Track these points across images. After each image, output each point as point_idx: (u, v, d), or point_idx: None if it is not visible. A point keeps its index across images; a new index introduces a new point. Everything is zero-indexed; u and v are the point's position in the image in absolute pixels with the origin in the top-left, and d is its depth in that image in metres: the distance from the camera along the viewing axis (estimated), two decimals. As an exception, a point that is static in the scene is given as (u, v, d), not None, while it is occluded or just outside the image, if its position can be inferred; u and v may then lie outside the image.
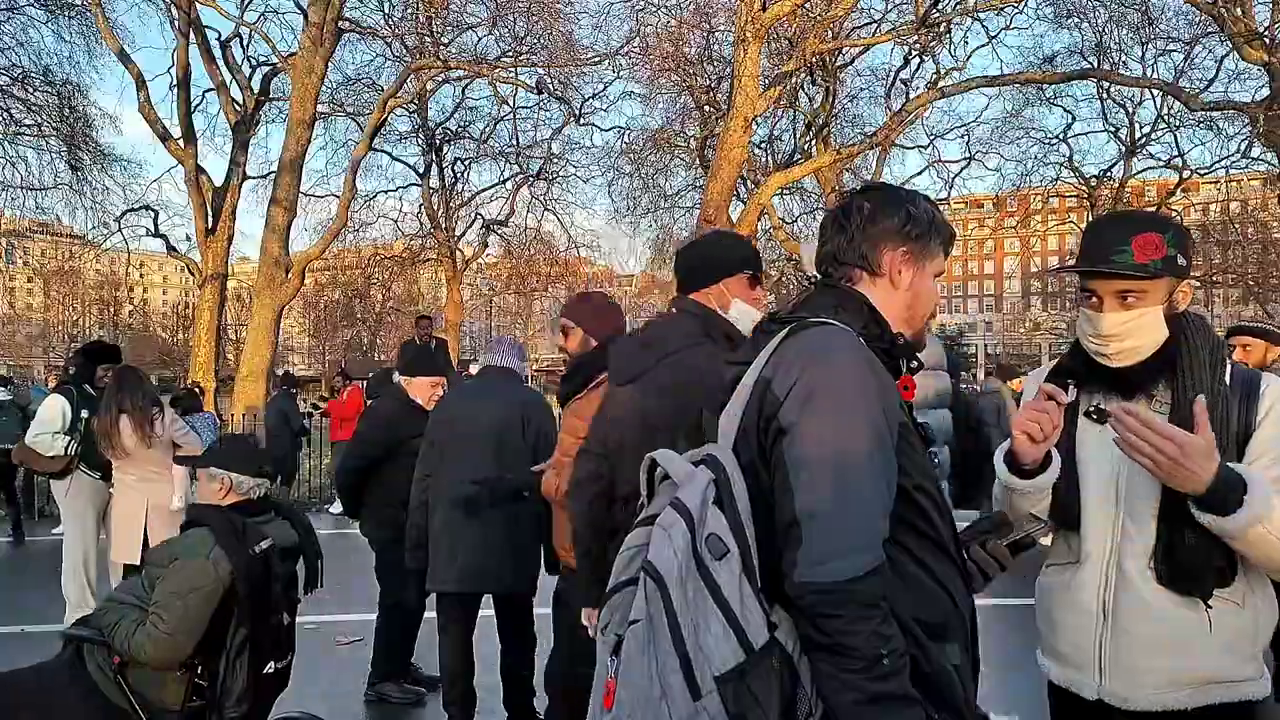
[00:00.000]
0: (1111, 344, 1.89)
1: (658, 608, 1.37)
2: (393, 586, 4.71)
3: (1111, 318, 1.88)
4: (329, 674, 5.19)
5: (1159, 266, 1.85)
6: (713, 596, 1.35)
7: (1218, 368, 1.88)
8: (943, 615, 1.49)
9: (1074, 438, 1.96)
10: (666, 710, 1.35)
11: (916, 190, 1.74)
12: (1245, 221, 34.99)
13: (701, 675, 1.34)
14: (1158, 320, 1.88)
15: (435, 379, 4.86)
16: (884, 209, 1.66)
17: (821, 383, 1.44)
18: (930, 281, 1.68)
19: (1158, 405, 1.90)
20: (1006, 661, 4.32)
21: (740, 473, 1.45)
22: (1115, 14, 21.15)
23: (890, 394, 1.49)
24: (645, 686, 1.38)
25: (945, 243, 1.71)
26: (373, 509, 4.76)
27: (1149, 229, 1.87)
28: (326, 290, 41.08)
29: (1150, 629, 1.84)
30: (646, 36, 23.02)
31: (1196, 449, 1.69)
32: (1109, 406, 1.80)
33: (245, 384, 18.97)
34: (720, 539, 1.38)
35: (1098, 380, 1.95)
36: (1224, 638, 1.82)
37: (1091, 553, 1.90)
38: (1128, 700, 1.86)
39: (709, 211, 17.49)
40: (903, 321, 1.64)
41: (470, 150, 30.86)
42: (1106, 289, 1.89)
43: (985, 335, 72.21)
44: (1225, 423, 1.84)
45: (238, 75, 22.43)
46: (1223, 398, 1.85)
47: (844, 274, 1.67)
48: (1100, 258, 1.88)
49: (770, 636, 1.36)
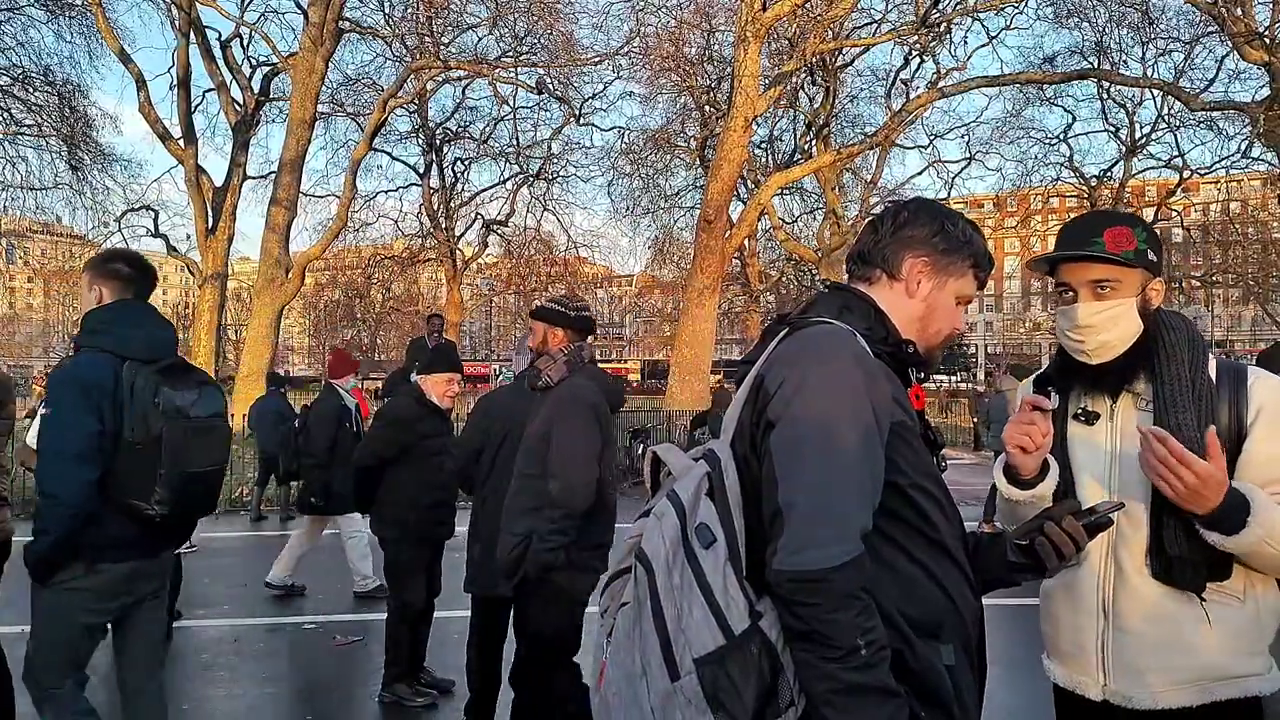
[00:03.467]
0: (1087, 337, 1.92)
1: (644, 592, 1.44)
2: (401, 586, 4.70)
3: (1086, 308, 1.90)
4: (329, 674, 5.19)
5: (1131, 256, 1.88)
6: (698, 582, 1.40)
7: (1198, 361, 1.88)
8: (937, 614, 1.49)
9: (1065, 440, 1.97)
10: (645, 688, 1.41)
11: (962, 214, 1.74)
12: (1245, 221, 35.01)
13: (681, 657, 1.38)
14: (1131, 313, 1.90)
15: (451, 375, 4.86)
16: (918, 218, 1.68)
17: (808, 378, 1.46)
18: (949, 299, 1.68)
19: (1140, 401, 1.93)
20: (1010, 663, 4.32)
21: (734, 466, 1.49)
22: (1115, 14, 21.18)
23: (882, 391, 1.50)
24: (629, 665, 1.44)
25: (977, 267, 1.69)
26: (383, 508, 4.75)
27: (1120, 223, 1.92)
28: (326, 290, 41.08)
29: (1150, 627, 1.85)
30: (646, 36, 23.03)
31: (1214, 480, 1.72)
32: (1142, 427, 1.80)
33: (245, 384, 18.99)
34: (709, 528, 1.43)
35: (1081, 380, 1.97)
36: (1226, 633, 1.82)
37: (1090, 552, 1.90)
38: (1132, 699, 1.86)
39: (709, 211, 17.50)
40: (914, 332, 1.65)
41: (470, 150, 30.92)
42: (1081, 279, 1.92)
43: (985, 335, 72.22)
44: (1213, 417, 1.84)
45: (238, 75, 22.44)
46: (1207, 392, 1.87)
47: (865, 274, 1.70)
48: (1074, 246, 1.92)
49: (752, 624, 1.39)
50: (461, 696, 4.41)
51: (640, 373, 55.17)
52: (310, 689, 4.96)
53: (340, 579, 7.53)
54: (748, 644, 1.38)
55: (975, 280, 1.70)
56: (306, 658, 5.54)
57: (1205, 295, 37.77)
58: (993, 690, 1.88)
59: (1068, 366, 1.99)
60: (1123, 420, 1.92)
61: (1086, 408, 1.96)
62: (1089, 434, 1.95)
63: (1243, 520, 1.72)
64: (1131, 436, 1.86)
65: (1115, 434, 1.93)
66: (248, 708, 4.73)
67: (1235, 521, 1.73)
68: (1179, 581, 1.82)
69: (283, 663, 5.45)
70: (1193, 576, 1.81)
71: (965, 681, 1.51)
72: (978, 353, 67.20)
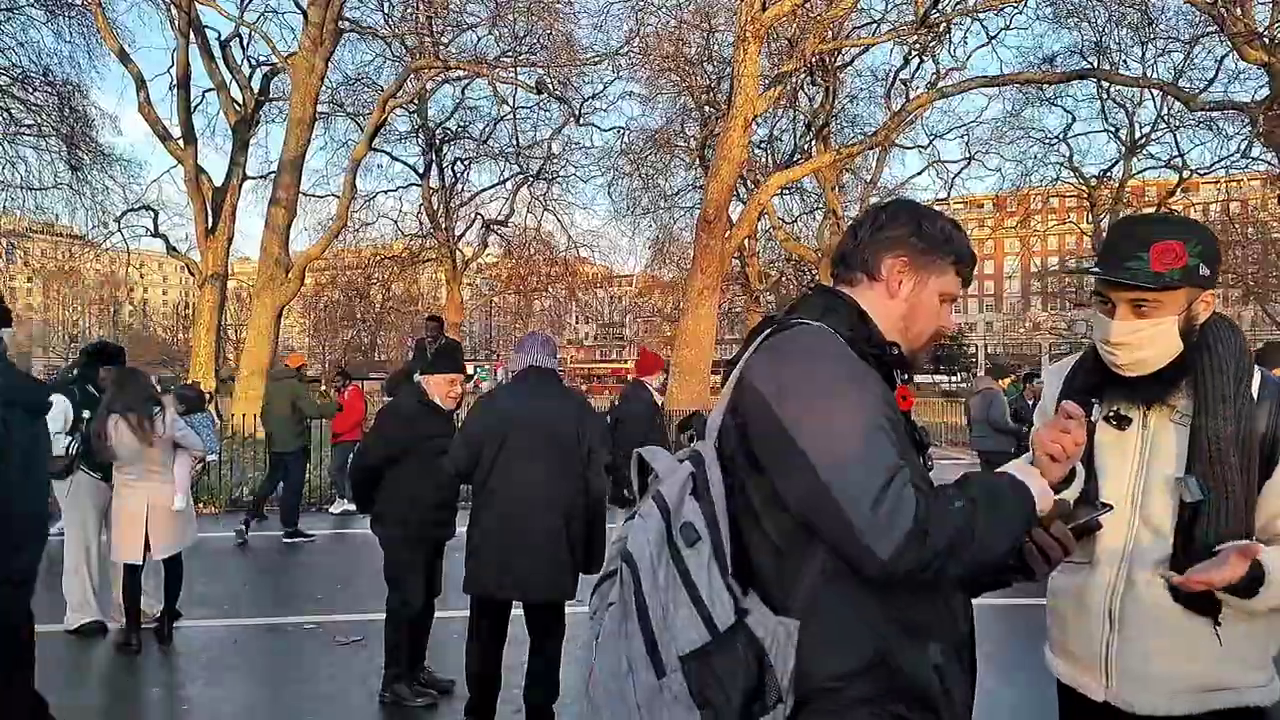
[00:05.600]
0: (1121, 353, 1.84)
1: (630, 592, 1.45)
2: (401, 587, 4.70)
3: (1121, 326, 1.83)
4: (329, 674, 5.20)
5: (1176, 277, 1.77)
6: (682, 580, 1.42)
7: (1243, 378, 1.82)
8: (925, 613, 1.49)
9: (1092, 441, 1.89)
10: (632, 686, 1.43)
11: (943, 213, 1.73)
12: (1245, 221, 35.02)
13: (667, 655, 1.40)
14: (1170, 332, 1.81)
15: (454, 376, 4.85)
16: (895, 218, 1.68)
17: (788, 378, 1.48)
18: (932, 297, 1.66)
19: (1178, 416, 1.84)
20: (1010, 661, 4.32)
21: (718, 465, 1.50)
22: (1115, 14, 21.17)
23: (868, 379, 1.51)
24: (615, 664, 1.46)
25: (959, 263, 1.67)
26: (384, 508, 4.75)
27: (1170, 236, 1.79)
28: (326, 290, 41.01)
29: (1157, 638, 1.83)
30: (646, 37, 23.04)
31: (1237, 577, 1.71)
32: (1173, 579, 1.77)
33: (245, 384, 18.98)
34: (693, 526, 1.44)
35: (1118, 389, 1.90)
36: (1231, 645, 1.81)
37: (1102, 557, 1.89)
38: (1133, 705, 1.86)
39: (709, 211, 17.50)
40: (897, 331, 1.64)
41: (470, 150, 30.91)
42: (1120, 296, 1.82)
43: (985, 335, 72.20)
44: (1251, 433, 1.80)
45: (238, 75, 22.44)
46: (1247, 407, 1.81)
47: (848, 277, 1.69)
48: (1115, 264, 1.81)
49: (738, 620, 1.40)
50: (461, 696, 4.41)
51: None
52: (310, 689, 4.96)
53: (340, 579, 7.54)
54: (733, 640, 1.39)
55: (959, 277, 1.68)
56: (306, 658, 5.54)
57: (1205, 295, 37.72)
58: (993, 688, 1.88)
59: (1101, 368, 1.92)
60: (1155, 429, 1.87)
61: (1119, 411, 1.89)
62: (1118, 439, 1.89)
63: (1257, 589, 1.72)
64: (1161, 448, 1.84)
65: (1146, 442, 1.88)
66: (248, 708, 4.73)
67: (1252, 590, 1.73)
68: (1199, 609, 1.79)
69: (283, 663, 5.45)
70: (1211, 604, 1.79)
71: (955, 681, 1.51)
72: (978, 353, 67.20)
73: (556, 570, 4.04)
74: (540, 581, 4.04)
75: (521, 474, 4.04)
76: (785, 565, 1.46)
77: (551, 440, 4.09)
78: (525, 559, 4.01)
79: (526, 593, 4.09)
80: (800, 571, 1.45)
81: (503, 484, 4.05)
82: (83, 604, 5.88)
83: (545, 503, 4.03)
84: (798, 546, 1.46)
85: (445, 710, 4.60)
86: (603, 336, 74.82)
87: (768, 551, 1.47)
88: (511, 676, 4.27)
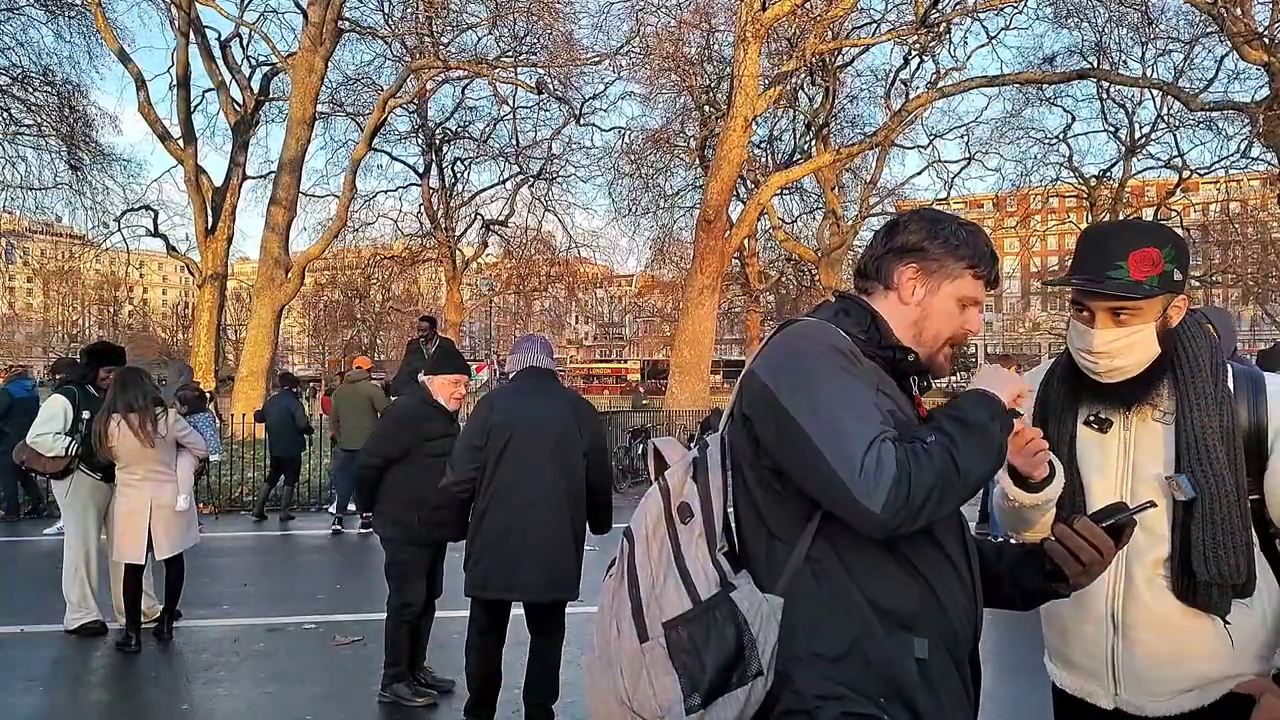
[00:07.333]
0: (1101, 361, 1.85)
1: (625, 563, 1.58)
2: (402, 587, 4.70)
3: (1103, 335, 1.84)
4: (329, 674, 5.20)
5: (1155, 284, 1.79)
6: (674, 554, 1.53)
7: (1218, 372, 1.84)
8: (911, 604, 1.49)
9: (1074, 446, 1.92)
10: (619, 649, 1.53)
11: (961, 218, 1.74)
12: (1245, 221, 35.00)
13: (651, 622, 1.50)
14: (1149, 338, 1.83)
15: (457, 377, 4.86)
16: (908, 228, 1.70)
17: (784, 360, 1.55)
18: (946, 303, 1.67)
19: (1160, 415, 1.86)
20: (1011, 664, 4.32)
21: (719, 451, 1.59)
22: (1115, 14, 21.15)
23: (864, 367, 1.55)
24: (607, 628, 1.57)
25: (976, 268, 1.67)
26: (386, 508, 4.75)
27: (1147, 243, 1.81)
28: (326, 290, 41.04)
29: (1161, 639, 1.83)
30: (646, 37, 23.02)
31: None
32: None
33: (245, 384, 19.00)
34: (689, 505, 1.56)
35: (1096, 392, 1.91)
36: (1236, 640, 1.81)
37: None
38: (1144, 709, 1.86)
39: (709, 211, 17.50)
40: (910, 337, 1.66)
41: (470, 150, 30.87)
42: (1099, 305, 1.84)
43: (985, 335, 72.24)
44: (1233, 428, 1.81)
45: (238, 75, 22.44)
46: (1227, 402, 1.83)
47: (865, 287, 1.73)
48: (1094, 274, 1.83)
49: (721, 593, 1.48)
50: (461, 696, 4.41)
51: (640, 373, 55.15)
52: (310, 689, 4.96)
53: (339, 579, 7.54)
54: (713, 610, 1.47)
55: (976, 281, 1.68)
56: (306, 658, 5.54)
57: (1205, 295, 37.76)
58: (994, 690, 1.88)
59: (1077, 374, 1.93)
60: (1138, 430, 1.88)
61: (1099, 414, 1.90)
62: (1101, 441, 1.91)
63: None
64: (1145, 447, 1.85)
65: (1129, 443, 1.89)
66: (248, 708, 4.73)
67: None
68: (1205, 605, 1.79)
69: (283, 663, 5.44)
70: (1219, 600, 1.79)
71: (942, 678, 1.50)
72: (977, 353, 67.22)
73: (557, 571, 4.05)
74: (541, 582, 4.04)
75: (522, 475, 4.04)
76: (775, 549, 1.51)
77: (551, 441, 4.10)
78: (526, 560, 4.01)
79: (527, 593, 4.09)
80: (788, 557, 1.50)
81: (503, 485, 4.06)
82: (82, 603, 5.88)
83: (546, 504, 4.03)
84: (789, 531, 1.51)
85: (445, 710, 4.59)
86: (603, 336, 74.79)
87: (761, 535, 1.53)
88: (511, 677, 4.27)
